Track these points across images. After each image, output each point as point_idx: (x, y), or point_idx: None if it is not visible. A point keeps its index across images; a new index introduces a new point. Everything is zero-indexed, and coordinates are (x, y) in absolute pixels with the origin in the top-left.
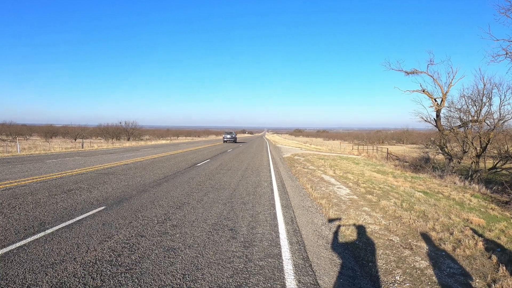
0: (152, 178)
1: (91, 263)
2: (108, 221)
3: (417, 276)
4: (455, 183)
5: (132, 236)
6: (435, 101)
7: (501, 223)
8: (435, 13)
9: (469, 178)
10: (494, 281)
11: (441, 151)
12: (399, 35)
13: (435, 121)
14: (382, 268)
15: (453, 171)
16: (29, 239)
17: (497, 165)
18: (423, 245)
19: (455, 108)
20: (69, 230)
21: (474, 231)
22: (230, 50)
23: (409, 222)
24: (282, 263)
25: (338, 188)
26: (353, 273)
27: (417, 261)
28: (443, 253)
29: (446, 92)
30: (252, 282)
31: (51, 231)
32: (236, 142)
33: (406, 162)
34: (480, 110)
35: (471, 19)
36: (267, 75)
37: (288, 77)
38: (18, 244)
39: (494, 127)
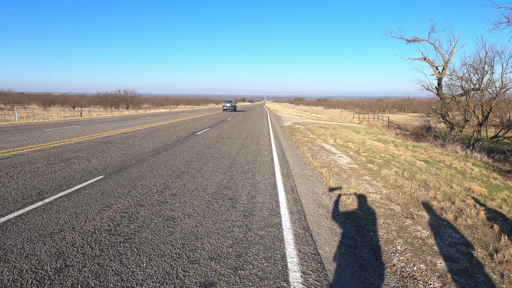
0: (151, 147)
1: (89, 233)
2: (107, 190)
3: (419, 245)
4: (456, 152)
5: (131, 205)
6: (437, 69)
7: (503, 192)
8: None
9: (471, 147)
10: (496, 251)
11: (442, 120)
12: (400, 1)
13: (437, 89)
14: (383, 238)
15: (454, 140)
16: (27, 209)
17: (499, 133)
18: (425, 214)
19: (457, 76)
20: (68, 200)
21: (476, 200)
22: (230, 16)
23: (410, 191)
24: (282, 232)
25: (338, 157)
26: (354, 243)
27: (418, 231)
28: (445, 222)
29: (448, 60)
30: (252, 251)
31: (50, 200)
32: (236, 111)
33: (407, 130)
34: (482, 78)
35: None
36: (267, 43)
37: (288, 45)
38: (16, 214)
39: (496, 95)
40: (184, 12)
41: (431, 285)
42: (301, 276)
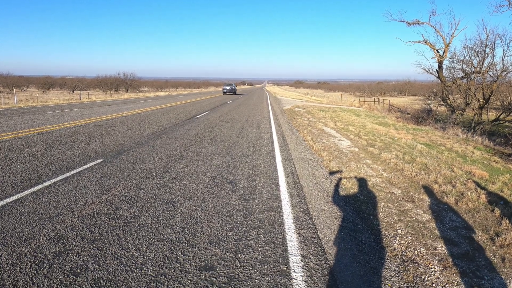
0: (151, 130)
1: (89, 216)
2: (106, 174)
3: (419, 229)
4: (457, 135)
5: (130, 189)
6: (438, 52)
7: (504, 175)
8: None
9: (472, 130)
10: (497, 235)
11: (443, 103)
12: None
13: (438, 72)
14: (384, 221)
15: (455, 123)
16: (26, 192)
17: (500, 117)
18: (425, 198)
19: (458, 59)
20: (67, 183)
21: (477, 184)
22: None
23: (411, 174)
24: (282, 216)
25: (339, 140)
26: (354, 227)
27: (419, 214)
28: (446, 206)
29: (449, 43)
30: (252, 235)
31: (49, 183)
32: (236, 94)
33: (408, 114)
34: (483, 61)
35: None
36: (267, 26)
37: (288, 27)
38: (15, 197)
39: (497, 78)
40: None
41: (432, 269)
42: (301, 260)
